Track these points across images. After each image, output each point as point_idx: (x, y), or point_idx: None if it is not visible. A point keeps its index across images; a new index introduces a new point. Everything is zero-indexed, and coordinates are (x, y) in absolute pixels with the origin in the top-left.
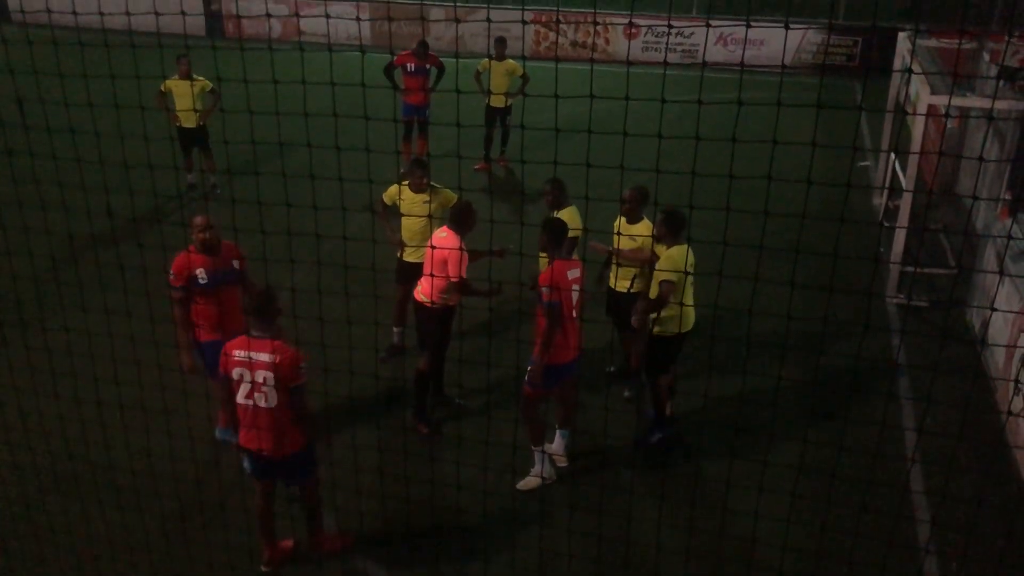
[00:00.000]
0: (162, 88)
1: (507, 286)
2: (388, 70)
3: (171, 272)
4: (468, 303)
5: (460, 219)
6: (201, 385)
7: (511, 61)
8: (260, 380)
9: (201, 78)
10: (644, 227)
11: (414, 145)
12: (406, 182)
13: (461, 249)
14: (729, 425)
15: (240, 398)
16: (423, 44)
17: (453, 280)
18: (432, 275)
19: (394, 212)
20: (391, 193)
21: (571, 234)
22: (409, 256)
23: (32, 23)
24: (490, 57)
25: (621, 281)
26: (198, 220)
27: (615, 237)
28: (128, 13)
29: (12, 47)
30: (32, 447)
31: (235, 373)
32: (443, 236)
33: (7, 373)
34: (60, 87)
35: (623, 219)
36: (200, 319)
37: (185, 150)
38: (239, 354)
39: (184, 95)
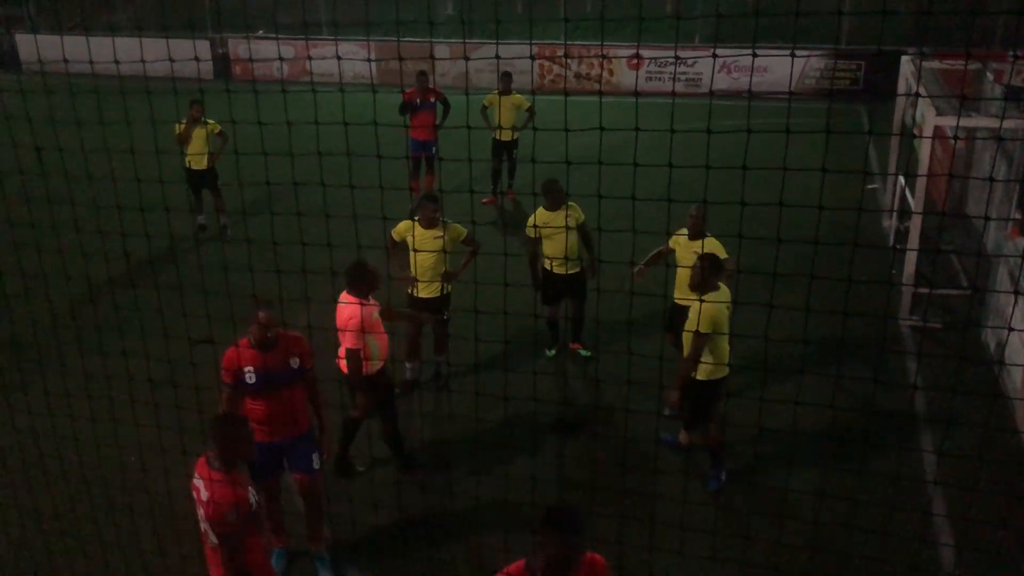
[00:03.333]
0: (177, 131)
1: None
2: (403, 110)
3: (222, 367)
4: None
5: (355, 280)
6: None
7: (517, 95)
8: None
9: (211, 121)
10: (709, 244)
11: (422, 182)
12: (417, 218)
13: (364, 313)
14: (748, 452)
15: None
16: (422, 74)
17: (350, 348)
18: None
19: (403, 248)
20: (400, 230)
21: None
22: (422, 292)
23: (48, 71)
24: (497, 91)
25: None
26: (261, 316)
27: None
28: (143, 61)
29: (28, 96)
30: (51, 488)
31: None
32: (342, 304)
33: (26, 417)
34: (77, 134)
35: (684, 236)
36: (249, 418)
37: (195, 191)
38: (195, 479)
39: (196, 138)
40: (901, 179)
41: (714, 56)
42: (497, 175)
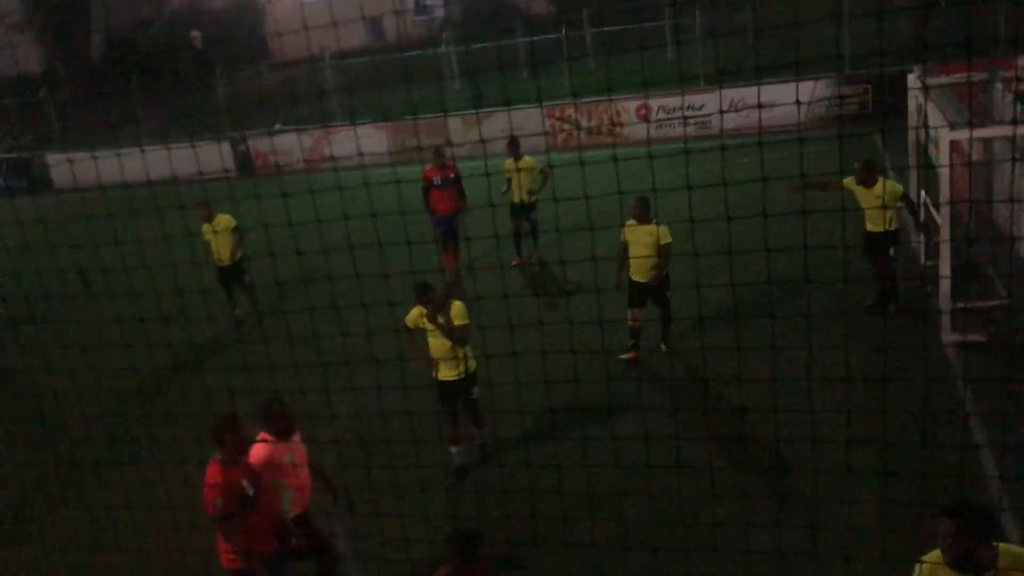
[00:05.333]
0: (205, 236)
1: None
2: (425, 193)
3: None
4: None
5: (264, 418)
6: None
7: (528, 158)
8: None
9: (225, 215)
10: (881, 187)
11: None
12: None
13: (272, 454)
14: (804, 495)
15: None
16: (438, 151)
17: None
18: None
19: (419, 335)
20: (412, 317)
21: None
22: (443, 374)
23: (81, 187)
24: (517, 159)
25: (874, 225)
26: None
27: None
28: (174, 176)
29: (62, 216)
30: None
31: None
32: (256, 448)
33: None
34: (114, 251)
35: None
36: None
37: (226, 287)
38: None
39: (210, 235)
40: (923, 193)
41: (719, 93)
42: (518, 236)
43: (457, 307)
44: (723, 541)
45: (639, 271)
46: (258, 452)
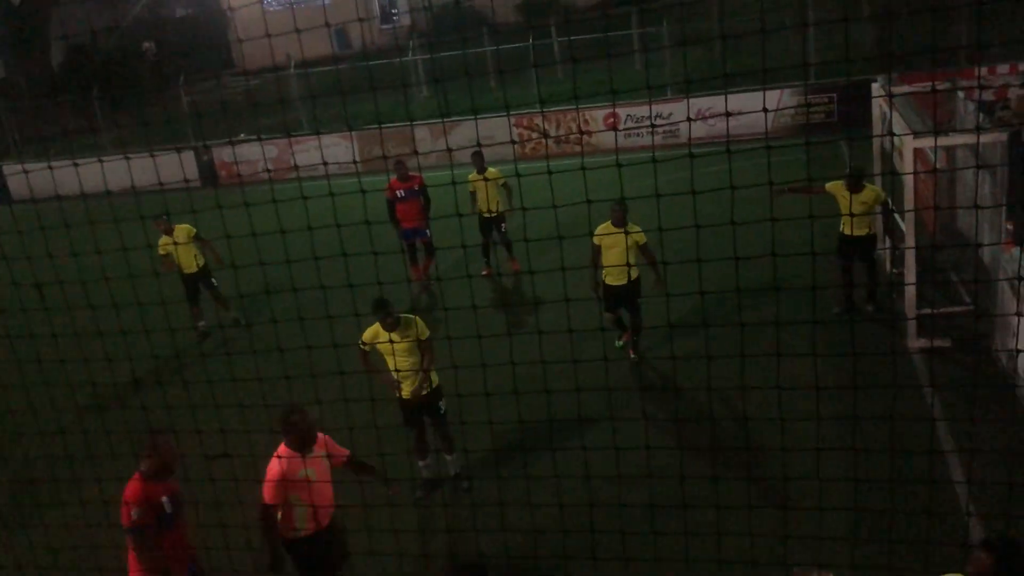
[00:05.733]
0: (161, 252)
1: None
2: (390, 207)
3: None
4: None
5: (284, 429)
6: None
7: (492, 169)
8: None
9: (184, 225)
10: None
11: (421, 266)
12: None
13: (287, 470)
14: (776, 502)
15: None
16: (399, 164)
17: (263, 503)
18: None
19: (374, 354)
20: (369, 335)
21: None
22: (406, 392)
23: (39, 198)
24: (477, 172)
25: (853, 229)
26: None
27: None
28: (133, 187)
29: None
30: None
31: None
32: (269, 464)
33: (38, 553)
34: (74, 265)
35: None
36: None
37: (191, 299)
38: None
39: (174, 248)
40: (888, 201)
41: (689, 115)
42: (487, 249)
43: (420, 321)
44: (694, 549)
45: (615, 275)
46: (270, 469)
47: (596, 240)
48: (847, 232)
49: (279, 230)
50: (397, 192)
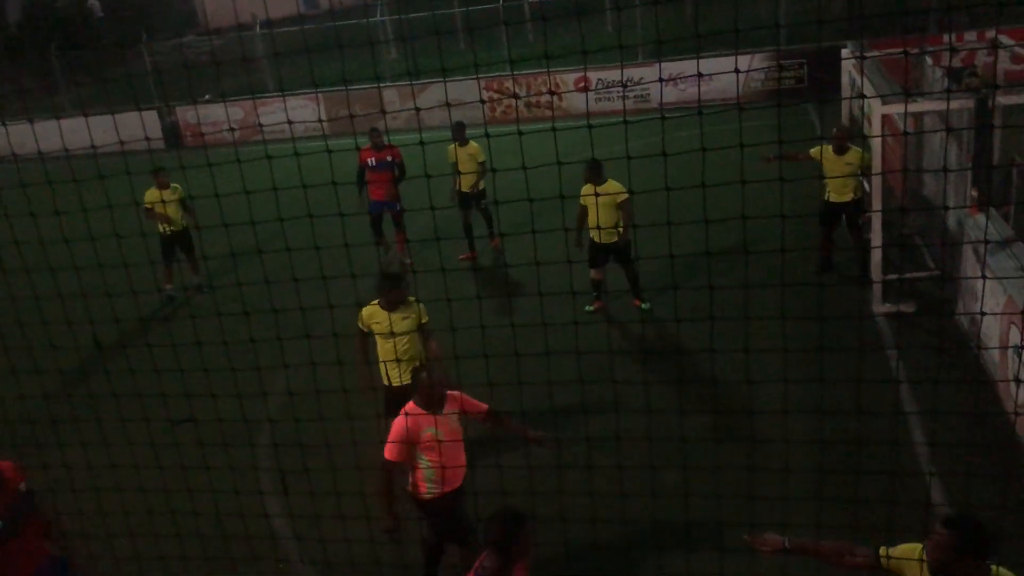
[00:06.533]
0: (146, 204)
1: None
2: (360, 176)
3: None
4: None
5: (418, 389)
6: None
7: (474, 144)
8: None
9: (176, 184)
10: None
11: (391, 240)
12: (375, 302)
13: (410, 427)
14: (743, 464)
15: None
16: (374, 131)
17: (384, 459)
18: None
19: (373, 340)
20: (365, 317)
21: None
22: (396, 379)
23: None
24: (454, 141)
25: (838, 195)
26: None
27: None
28: (94, 147)
29: None
30: None
31: None
32: (395, 420)
33: None
34: (33, 225)
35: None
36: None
37: (166, 258)
38: None
39: (163, 206)
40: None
41: (661, 76)
42: (469, 229)
43: (420, 304)
44: (661, 511)
45: (602, 233)
46: (394, 425)
47: (582, 200)
48: (832, 199)
49: (243, 191)
50: (368, 161)
